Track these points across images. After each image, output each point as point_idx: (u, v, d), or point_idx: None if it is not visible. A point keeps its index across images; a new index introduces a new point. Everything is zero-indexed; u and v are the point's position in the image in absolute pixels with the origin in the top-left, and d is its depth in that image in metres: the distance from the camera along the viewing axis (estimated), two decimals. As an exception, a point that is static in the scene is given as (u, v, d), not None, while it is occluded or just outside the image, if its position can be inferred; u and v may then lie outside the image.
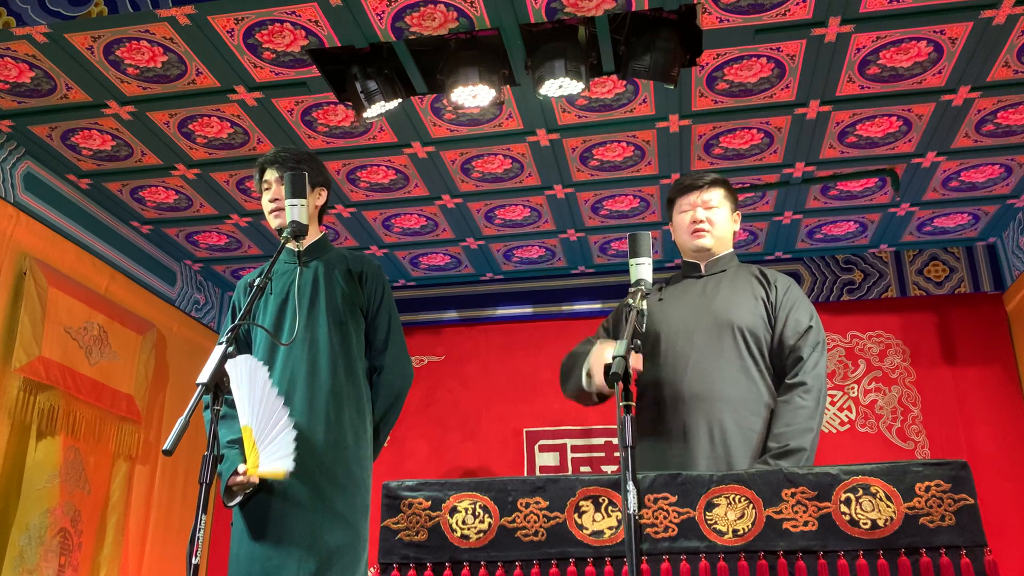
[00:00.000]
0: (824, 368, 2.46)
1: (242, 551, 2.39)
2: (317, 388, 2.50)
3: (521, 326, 5.49)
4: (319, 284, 2.63)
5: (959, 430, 4.84)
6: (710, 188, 2.68)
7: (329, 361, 2.53)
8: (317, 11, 3.13)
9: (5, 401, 3.77)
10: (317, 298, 2.61)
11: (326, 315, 2.58)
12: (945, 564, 1.68)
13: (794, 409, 2.36)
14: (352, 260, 2.72)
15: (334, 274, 2.66)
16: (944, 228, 4.92)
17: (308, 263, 2.66)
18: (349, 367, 2.57)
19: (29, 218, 4.03)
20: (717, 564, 1.74)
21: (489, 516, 1.86)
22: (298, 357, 2.53)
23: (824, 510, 1.75)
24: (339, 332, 2.58)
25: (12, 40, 3.28)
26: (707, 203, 2.67)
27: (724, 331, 2.51)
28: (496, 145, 4.06)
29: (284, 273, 2.65)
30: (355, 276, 2.68)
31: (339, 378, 2.53)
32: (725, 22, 3.20)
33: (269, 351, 2.56)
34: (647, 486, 1.82)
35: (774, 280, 2.60)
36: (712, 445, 2.39)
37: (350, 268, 2.69)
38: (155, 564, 4.77)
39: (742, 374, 2.46)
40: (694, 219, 2.66)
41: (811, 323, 2.50)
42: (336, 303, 2.61)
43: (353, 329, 2.62)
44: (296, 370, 2.52)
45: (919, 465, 1.76)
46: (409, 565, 1.84)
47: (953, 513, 1.71)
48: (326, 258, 2.69)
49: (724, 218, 2.68)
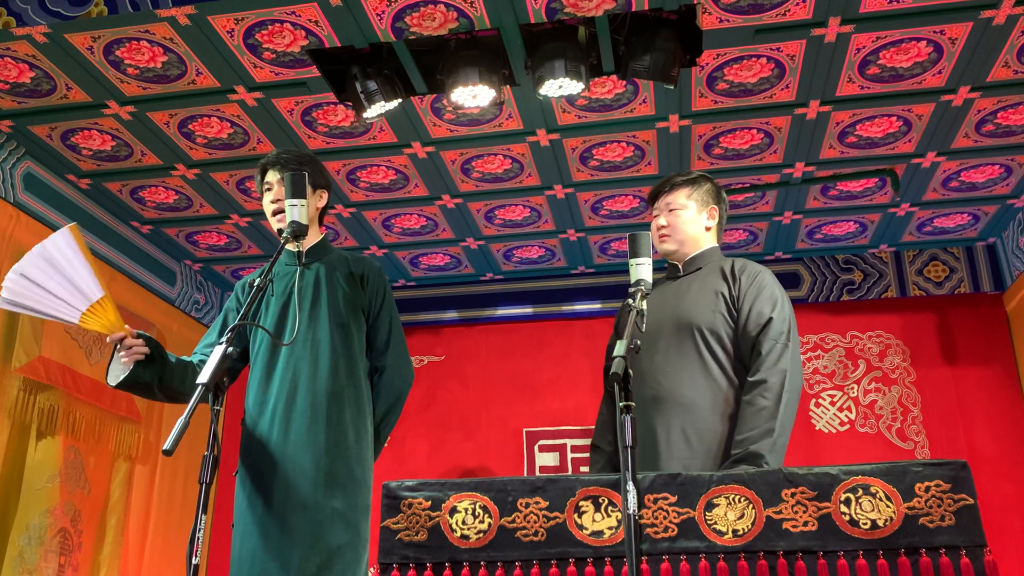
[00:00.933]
0: (791, 360, 2.39)
1: (244, 551, 2.39)
2: (319, 389, 2.50)
3: (521, 326, 5.49)
4: (321, 285, 2.63)
5: (959, 430, 4.84)
6: (671, 191, 2.68)
7: (331, 362, 2.54)
8: (317, 11, 3.13)
9: (5, 401, 3.77)
10: (319, 299, 2.61)
11: (328, 316, 2.59)
12: (945, 564, 1.68)
13: (755, 412, 2.32)
14: (353, 262, 2.73)
15: (335, 276, 2.66)
16: (944, 228, 4.92)
17: (309, 264, 2.67)
18: (350, 368, 2.57)
19: (29, 218, 4.03)
20: (717, 564, 1.74)
21: (489, 516, 1.86)
22: (300, 358, 2.54)
23: (824, 510, 1.75)
24: (341, 333, 2.59)
25: (12, 40, 3.28)
26: (669, 206, 2.67)
27: (685, 332, 2.50)
28: (496, 145, 4.06)
29: (285, 275, 2.66)
30: (356, 278, 2.69)
31: (340, 379, 2.54)
32: (725, 22, 3.20)
33: (270, 352, 2.56)
34: (647, 486, 1.82)
35: (740, 273, 2.55)
36: (669, 448, 2.39)
37: (351, 270, 2.70)
38: (155, 564, 4.77)
39: (702, 375, 2.45)
40: (657, 224, 2.68)
41: (773, 314, 2.43)
42: (338, 304, 2.62)
43: (355, 330, 2.63)
44: (298, 370, 2.52)
45: (919, 465, 1.76)
46: (409, 565, 1.84)
47: (953, 513, 1.71)
48: (327, 260, 2.70)
49: (688, 218, 2.65)
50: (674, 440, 2.39)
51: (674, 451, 2.39)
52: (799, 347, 2.48)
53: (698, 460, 2.36)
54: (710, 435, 2.39)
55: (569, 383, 5.29)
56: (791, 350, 2.41)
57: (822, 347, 5.15)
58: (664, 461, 2.38)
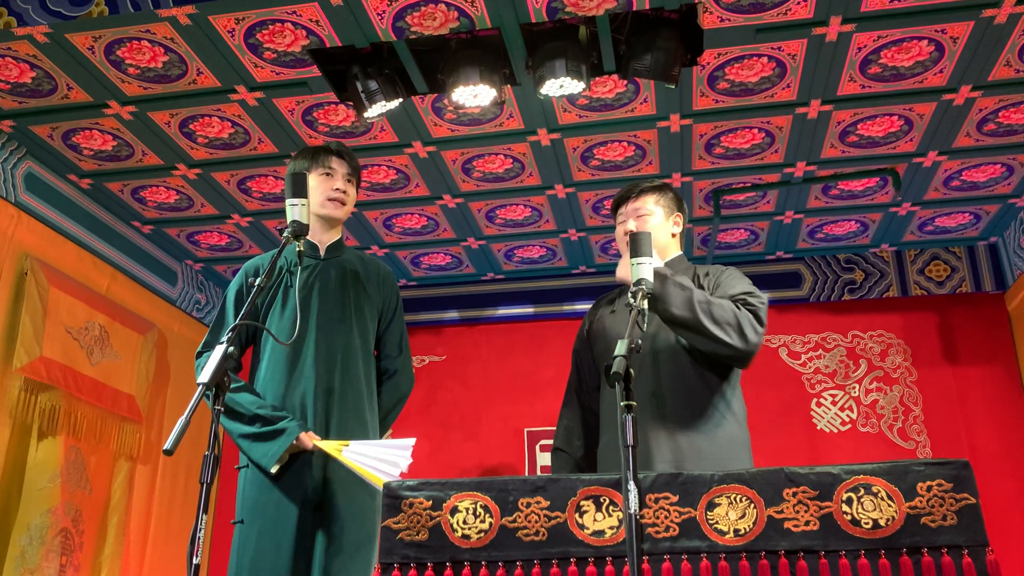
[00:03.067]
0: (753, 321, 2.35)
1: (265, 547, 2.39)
2: (347, 385, 2.55)
3: (522, 326, 5.49)
4: (344, 282, 2.66)
5: (960, 430, 4.83)
6: (639, 197, 2.66)
7: (354, 359, 2.58)
8: (318, 11, 3.13)
9: (6, 401, 3.77)
10: (342, 296, 2.64)
11: (351, 313, 2.63)
12: (947, 564, 1.68)
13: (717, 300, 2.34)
14: (369, 263, 2.78)
15: (354, 274, 2.70)
16: (945, 227, 4.91)
17: (329, 260, 2.69)
18: (367, 367, 2.63)
19: (30, 218, 4.03)
20: (718, 564, 1.74)
21: (490, 516, 1.86)
22: (329, 351, 2.56)
23: (825, 510, 1.75)
24: (361, 331, 2.63)
25: (13, 40, 3.28)
26: (637, 211, 2.64)
27: (666, 336, 2.50)
28: (497, 145, 4.06)
29: (305, 268, 2.65)
30: (372, 279, 2.73)
31: (361, 377, 2.59)
32: (726, 21, 3.20)
33: (292, 347, 2.55)
34: (648, 486, 1.81)
35: (704, 275, 2.58)
36: (658, 451, 2.39)
37: (368, 271, 2.74)
38: (156, 564, 4.77)
39: (683, 378, 2.45)
40: (626, 229, 2.64)
41: (740, 289, 2.45)
42: (360, 302, 2.66)
43: (370, 330, 2.68)
44: (329, 364, 2.55)
45: (921, 464, 1.76)
46: (410, 565, 1.84)
47: (955, 513, 1.71)
48: (344, 257, 2.73)
49: (656, 224, 2.63)
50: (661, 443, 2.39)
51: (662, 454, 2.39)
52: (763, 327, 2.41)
53: (686, 461, 2.36)
54: (696, 437, 2.39)
55: (570, 383, 5.28)
56: (757, 316, 2.38)
57: (823, 347, 5.15)
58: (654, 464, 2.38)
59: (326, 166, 2.69)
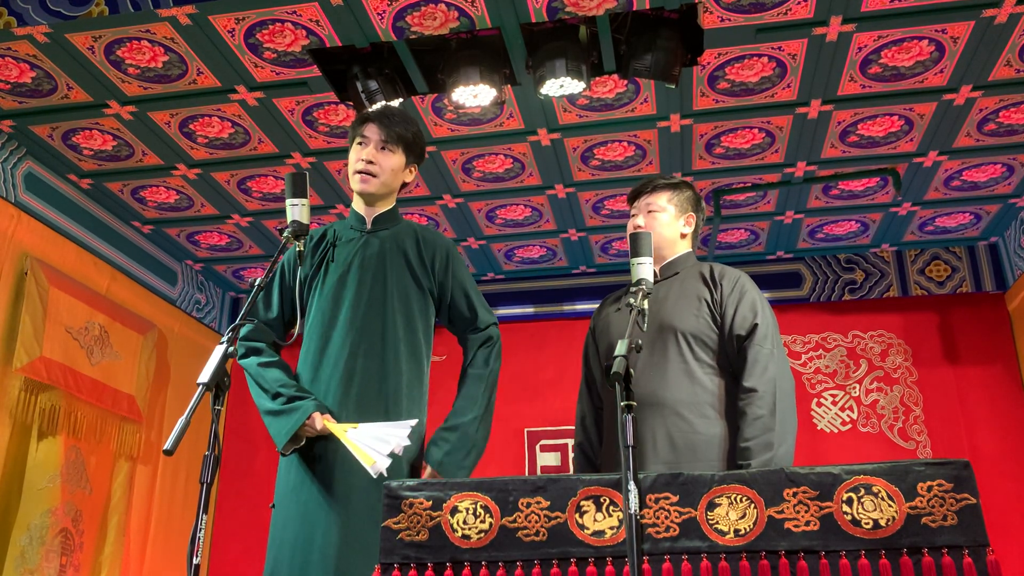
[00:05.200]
0: (777, 364, 2.40)
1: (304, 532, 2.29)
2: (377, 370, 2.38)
3: (522, 326, 5.48)
4: (385, 257, 2.48)
5: (961, 430, 4.83)
6: (653, 192, 2.65)
7: (391, 342, 2.41)
8: (318, 11, 3.13)
9: (6, 401, 3.77)
10: (382, 273, 2.46)
11: (389, 291, 2.45)
12: (947, 564, 1.68)
13: (751, 421, 2.34)
14: (423, 235, 2.56)
15: (401, 250, 2.50)
16: (946, 227, 4.91)
17: (376, 232, 2.52)
18: (411, 347, 2.44)
19: (30, 218, 4.03)
20: (719, 564, 1.74)
21: (490, 516, 1.85)
22: (361, 334, 2.39)
23: (826, 510, 1.75)
24: (403, 311, 2.45)
25: (13, 40, 3.28)
26: (649, 207, 2.64)
27: (668, 336, 2.49)
28: (497, 145, 4.06)
29: (348, 240, 2.51)
30: (424, 253, 2.52)
31: (400, 362, 2.41)
32: (726, 21, 3.20)
33: (325, 325, 2.42)
34: (648, 486, 1.81)
35: (720, 278, 2.55)
36: (655, 450, 2.39)
37: (420, 244, 2.53)
38: (156, 564, 4.77)
39: (686, 377, 2.44)
40: (635, 224, 2.64)
41: (757, 320, 2.45)
42: (401, 281, 2.47)
43: (416, 310, 2.48)
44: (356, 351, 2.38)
45: (921, 465, 1.76)
46: (410, 565, 1.84)
47: (955, 513, 1.71)
48: (395, 229, 2.54)
49: (665, 221, 2.62)
50: (659, 442, 2.39)
51: (660, 454, 2.39)
52: (783, 350, 2.50)
53: (683, 462, 2.36)
54: (694, 437, 2.39)
55: (570, 383, 5.28)
56: (777, 356, 2.42)
57: (824, 347, 5.15)
58: (650, 463, 2.38)
59: (360, 134, 2.49)
